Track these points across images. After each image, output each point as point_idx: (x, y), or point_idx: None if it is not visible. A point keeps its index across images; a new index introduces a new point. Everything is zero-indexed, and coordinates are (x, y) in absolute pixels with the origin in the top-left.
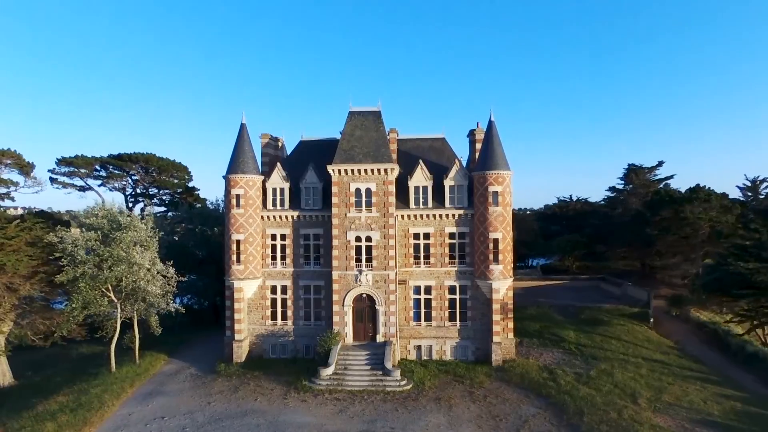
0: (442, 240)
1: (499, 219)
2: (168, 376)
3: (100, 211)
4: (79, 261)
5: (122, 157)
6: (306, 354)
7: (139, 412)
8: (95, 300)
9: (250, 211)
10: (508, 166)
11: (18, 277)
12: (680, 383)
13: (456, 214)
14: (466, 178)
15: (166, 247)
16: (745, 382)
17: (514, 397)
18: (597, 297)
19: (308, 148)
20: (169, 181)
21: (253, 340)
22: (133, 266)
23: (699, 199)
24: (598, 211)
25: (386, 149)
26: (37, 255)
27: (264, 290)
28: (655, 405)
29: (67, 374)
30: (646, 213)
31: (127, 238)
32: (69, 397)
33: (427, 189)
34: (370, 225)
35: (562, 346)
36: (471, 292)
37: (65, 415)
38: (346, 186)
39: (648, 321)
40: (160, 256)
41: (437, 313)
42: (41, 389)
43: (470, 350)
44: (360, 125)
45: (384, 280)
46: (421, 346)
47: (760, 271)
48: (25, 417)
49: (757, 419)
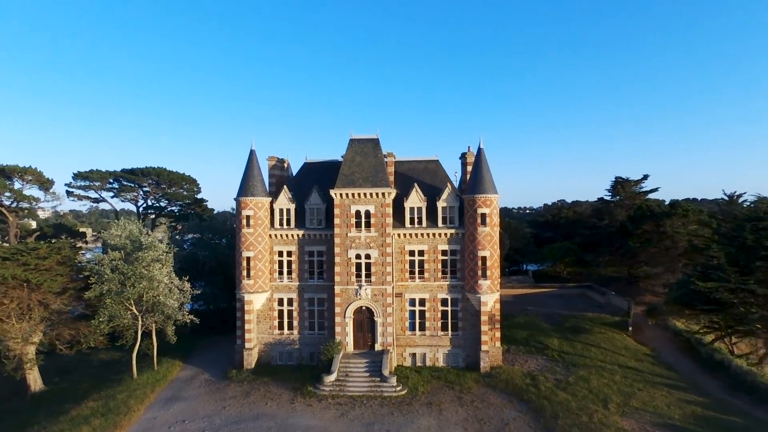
0: (435, 256)
1: (487, 238)
2: (184, 382)
3: (123, 231)
4: (105, 279)
5: (135, 172)
6: (310, 361)
7: (162, 416)
8: (120, 313)
9: (259, 230)
10: (495, 190)
11: (50, 294)
12: (649, 389)
13: (448, 233)
14: (457, 200)
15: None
16: (710, 388)
17: (498, 401)
18: (583, 305)
19: (312, 170)
20: (179, 194)
21: (261, 348)
22: (153, 282)
23: (677, 215)
24: (587, 221)
25: (384, 174)
26: (67, 273)
27: (272, 302)
28: (623, 409)
29: (92, 380)
30: (630, 226)
31: (147, 257)
32: (98, 402)
33: (422, 210)
34: (369, 244)
35: (546, 354)
36: (462, 304)
37: (97, 419)
38: (347, 208)
39: (627, 329)
40: (173, 269)
41: (431, 324)
42: (71, 394)
43: (461, 358)
44: (360, 152)
45: (382, 294)
46: (415, 353)
47: (718, 290)
48: (62, 421)
49: (713, 422)
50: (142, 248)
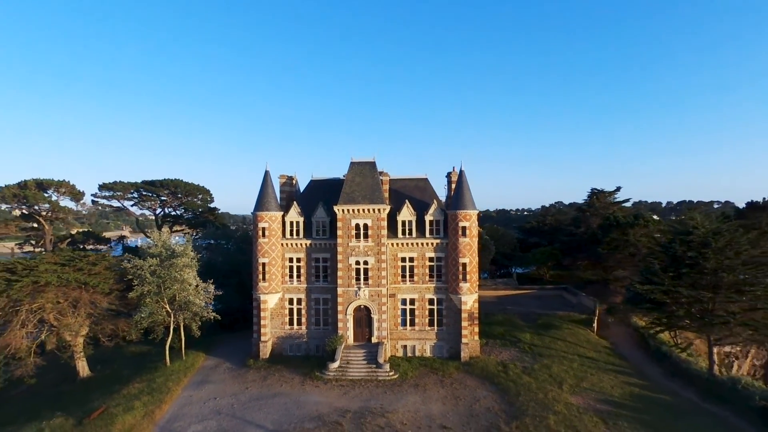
0: (423, 262)
1: (467, 247)
2: (210, 369)
3: (159, 241)
4: (145, 281)
5: (154, 183)
6: (316, 352)
7: (197, 394)
8: (156, 311)
9: (273, 240)
10: (474, 206)
11: (99, 294)
12: (600, 374)
13: (434, 243)
14: (442, 214)
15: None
16: (652, 374)
17: (473, 384)
18: (557, 305)
19: (317, 187)
20: (193, 203)
21: (274, 340)
22: (184, 284)
23: (639, 225)
24: (566, 228)
25: (380, 193)
26: (112, 276)
27: (283, 302)
28: (574, 389)
29: (131, 368)
30: (599, 234)
31: (180, 263)
32: (143, 384)
33: (412, 222)
34: (367, 252)
35: (519, 346)
36: (446, 303)
37: (145, 396)
38: (348, 221)
39: (591, 326)
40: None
41: (419, 320)
42: (116, 379)
43: (445, 349)
44: (359, 173)
45: (378, 295)
46: (406, 345)
47: (653, 292)
48: (116, 398)
49: (645, 399)
50: (175, 255)
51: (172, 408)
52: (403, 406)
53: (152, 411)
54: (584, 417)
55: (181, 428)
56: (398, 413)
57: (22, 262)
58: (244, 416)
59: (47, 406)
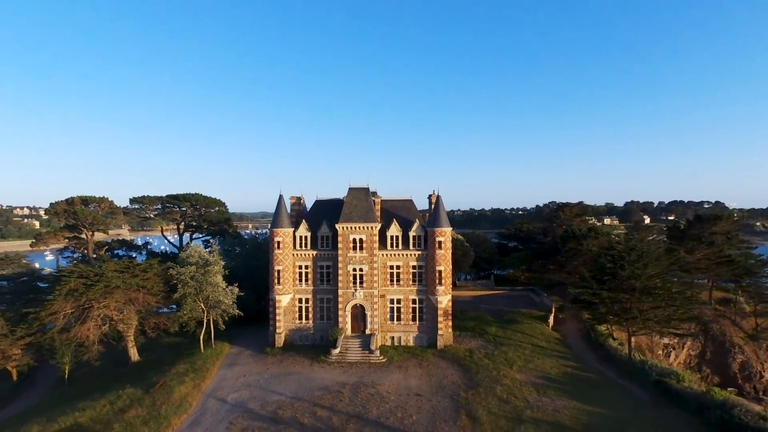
0: (407, 269)
1: (442, 258)
2: (235, 355)
3: (195, 252)
4: (187, 285)
5: (177, 197)
6: (321, 342)
7: (230, 373)
8: (194, 308)
9: (286, 251)
10: (449, 224)
11: (150, 295)
12: (544, 358)
13: (416, 254)
14: (423, 230)
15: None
16: (588, 359)
17: (444, 365)
18: (523, 304)
19: (322, 206)
20: (211, 214)
21: (287, 333)
22: (216, 287)
23: (592, 236)
24: (537, 237)
25: (372, 213)
26: (160, 281)
27: (294, 301)
28: (521, 369)
29: (171, 354)
30: (560, 243)
31: (213, 269)
32: (186, 365)
33: (399, 237)
34: (362, 261)
35: (485, 337)
36: (425, 302)
37: (191, 374)
38: (347, 236)
39: (547, 321)
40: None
41: (404, 316)
42: (162, 362)
43: (424, 339)
44: (356, 197)
45: (371, 295)
46: (394, 336)
47: (583, 294)
48: (168, 375)
49: (574, 376)
50: (208, 264)
51: (212, 383)
52: (389, 380)
53: (198, 384)
54: (523, 388)
55: (222, 396)
56: (384, 385)
57: (93, 270)
58: (268, 387)
59: (112, 382)
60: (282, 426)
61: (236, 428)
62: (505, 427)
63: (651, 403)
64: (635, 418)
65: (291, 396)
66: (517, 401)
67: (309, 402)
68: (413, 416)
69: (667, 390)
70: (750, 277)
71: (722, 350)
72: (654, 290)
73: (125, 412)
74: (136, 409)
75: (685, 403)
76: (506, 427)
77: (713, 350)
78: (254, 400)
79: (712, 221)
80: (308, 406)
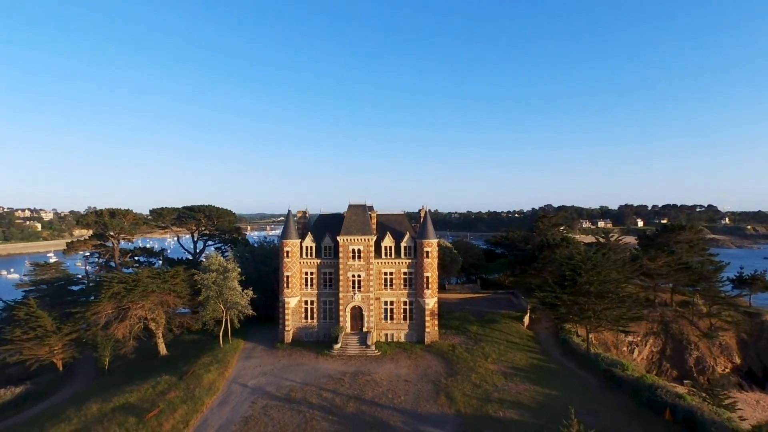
0: (399, 276)
1: (429, 265)
2: (250, 350)
3: (216, 261)
4: (209, 289)
5: (193, 209)
6: (324, 338)
7: (247, 364)
8: (216, 309)
9: (294, 259)
10: (435, 236)
11: (177, 298)
12: (516, 352)
13: (407, 262)
14: (413, 242)
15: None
16: (554, 353)
17: (430, 357)
18: (503, 306)
19: (325, 220)
20: (223, 224)
21: (294, 330)
22: (234, 291)
23: (563, 246)
24: (519, 245)
25: (369, 227)
26: (186, 285)
27: (301, 302)
28: (495, 361)
29: (194, 349)
30: (536, 251)
31: (232, 275)
32: (210, 357)
33: (392, 248)
34: (360, 268)
35: (467, 334)
36: (415, 304)
37: (215, 364)
38: (347, 247)
39: (522, 321)
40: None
41: (396, 316)
42: (187, 356)
43: (414, 336)
44: (355, 212)
45: (367, 298)
46: (387, 333)
47: (546, 298)
48: (195, 365)
49: (540, 367)
50: (227, 270)
51: (234, 371)
52: (382, 370)
53: (222, 372)
54: (494, 376)
55: (243, 382)
56: (379, 374)
57: (131, 276)
58: (281, 375)
59: (146, 372)
60: (295, 404)
61: (258, 406)
62: (475, 405)
63: (598, 387)
64: (581, 398)
65: (301, 382)
66: (488, 386)
67: (316, 386)
68: (401, 397)
69: (613, 377)
70: (705, 282)
71: (680, 347)
72: (607, 294)
73: (165, 394)
74: (174, 391)
75: (625, 387)
76: (476, 405)
77: (672, 347)
78: (270, 384)
79: (677, 231)
80: (315, 390)
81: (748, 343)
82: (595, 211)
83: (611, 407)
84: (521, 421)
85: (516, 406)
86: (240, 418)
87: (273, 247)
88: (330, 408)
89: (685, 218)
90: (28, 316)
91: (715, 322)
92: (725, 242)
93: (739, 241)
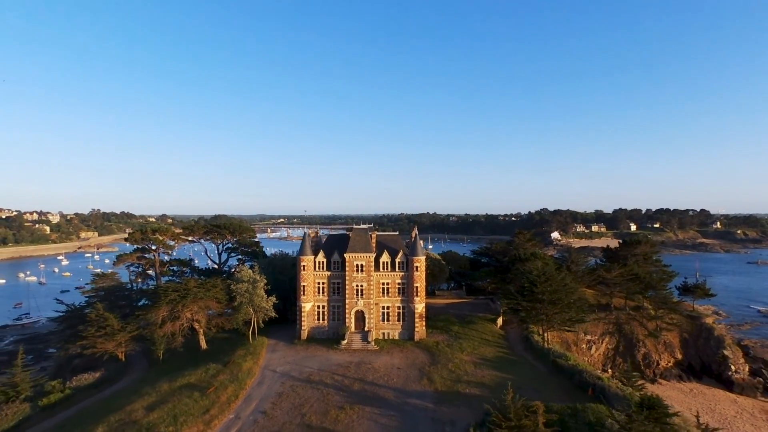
0: (394, 285)
1: (419, 277)
2: (273, 345)
3: (247, 273)
4: (242, 296)
5: (219, 224)
6: (333, 336)
7: (273, 356)
8: (247, 312)
9: (308, 272)
10: (423, 253)
11: (217, 303)
12: (487, 347)
13: (400, 274)
14: (405, 258)
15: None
16: (518, 349)
17: (418, 351)
18: (482, 309)
19: (334, 239)
20: (244, 238)
21: (309, 329)
22: (262, 298)
23: (532, 260)
24: (498, 256)
25: (370, 246)
26: (224, 293)
27: (314, 307)
28: (469, 353)
29: (228, 344)
30: (509, 264)
31: (260, 285)
32: (244, 351)
33: (388, 263)
34: (362, 280)
35: (449, 333)
36: (406, 308)
37: (249, 355)
38: (352, 262)
39: (496, 322)
40: None
41: (392, 318)
42: (224, 349)
43: (406, 334)
44: (358, 234)
45: (368, 304)
46: (384, 332)
47: (510, 304)
48: (234, 356)
49: (504, 358)
50: (256, 281)
51: (264, 361)
52: (380, 360)
53: (256, 361)
54: (466, 365)
55: (273, 368)
56: (377, 363)
57: (182, 285)
58: (302, 363)
59: (195, 360)
60: (314, 384)
61: (286, 385)
62: (449, 385)
63: (547, 374)
64: (531, 380)
65: (317, 368)
66: (460, 372)
67: (329, 372)
68: (394, 379)
69: (558, 366)
70: (652, 289)
71: (631, 345)
72: (557, 301)
73: (216, 377)
74: (222, 375)
75: (565, 373)
76: (449, 385)
77: (624, 345)
78: (294, 370)
79: (635, 245)
80: (329, 374)
81: (689, 342)
82: (590, 215)
83: (552, 387)
84: (481, 395)
85: (479, 386)
86: (274, 393)
87: (288, 258)
88: (341, 387)
89: (677, 222)
90: (99, 317)
91: (661, 324)
92: (714, 246)
93: (728, 245)
